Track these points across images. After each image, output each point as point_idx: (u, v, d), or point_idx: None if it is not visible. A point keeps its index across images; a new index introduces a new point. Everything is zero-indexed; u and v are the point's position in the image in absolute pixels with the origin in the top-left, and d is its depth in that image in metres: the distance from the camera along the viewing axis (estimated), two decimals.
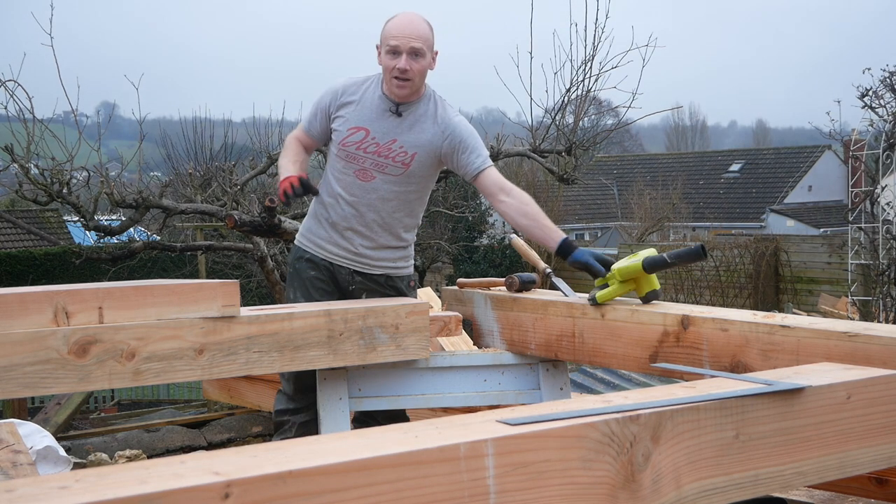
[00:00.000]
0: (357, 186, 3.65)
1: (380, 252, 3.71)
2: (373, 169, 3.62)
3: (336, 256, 3.70)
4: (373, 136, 3.60)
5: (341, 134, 3.64)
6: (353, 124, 3.62)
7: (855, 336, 2.46)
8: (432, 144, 3.63)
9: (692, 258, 3.19)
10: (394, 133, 3.61)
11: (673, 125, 60.29)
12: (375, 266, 3.72)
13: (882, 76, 12.56)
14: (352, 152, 3.62)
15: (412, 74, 3.52)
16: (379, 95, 3.63)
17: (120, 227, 8.31)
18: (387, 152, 3.61)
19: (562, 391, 3.58)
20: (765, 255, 15.94)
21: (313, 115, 3.74)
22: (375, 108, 3.62)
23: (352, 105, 3.64)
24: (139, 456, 6.01)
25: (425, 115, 3.63)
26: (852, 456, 1.98)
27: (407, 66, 3.50)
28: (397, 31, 3.54)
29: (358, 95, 3.65)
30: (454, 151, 3.63)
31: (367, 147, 3.61)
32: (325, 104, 3.69)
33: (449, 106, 3.71)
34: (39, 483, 1.25)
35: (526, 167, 19.16)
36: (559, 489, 1.57)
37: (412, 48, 3.50)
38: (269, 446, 1.45)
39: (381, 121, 3.61)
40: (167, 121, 20.68)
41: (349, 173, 3.65)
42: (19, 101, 7.85)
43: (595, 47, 8.73)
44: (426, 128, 3.62)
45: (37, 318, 2.74)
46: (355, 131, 3.62)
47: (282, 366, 3.16)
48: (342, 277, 3.71)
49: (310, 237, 3.76)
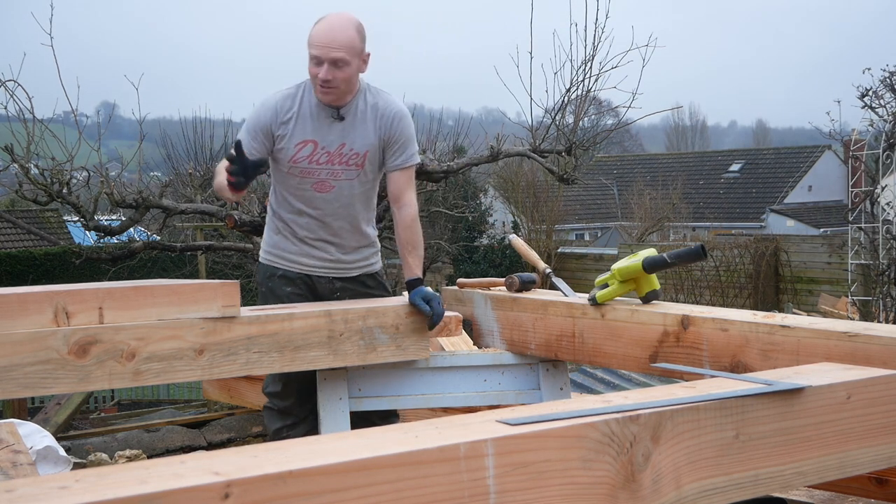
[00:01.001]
0: (319, 199, 3.61)
1: (353, 254, 3.72)
2: (330, 179, 3.59)
3: (313, 267, 3.67)
4: (322, 147, 3.56)
5: (289, 151, 3.56)
6: (299, 139, 3.55)
7: (855, 336, 2.46)
8: (377, 137, 3.61)
9: (692, 258, 3.19)
10: (341, 137, 3.57)
11: (673, 125, 60.31)
12: (353, 268, 3.72)
13: (882, 76, 12.56)
14: (304, 167, 3.57)
15: (336, 83, 3.45)
16: (316, 104, 3.55)
17: (120, 227, 8.31)
18: (339, 158, 3.58)
19: (562, 391, 3.58)
20: (765, 255, 15.93)
21: (251, 136, 3.57)
22: (317, 118, 3.56)
23: (292, 120, 3.55)
24: (139, 456, 6.01)
25: (365, 111, 3.59)
26: (852, 456, 1.98)
27: (329, 76, 3.42)
28: (319, 39, 3.44)
29: (295, 109, 3.56)
30: (388, 144, 3.62)
31: (319, 158, 3.57)
32: (264, 123, 3.56)
33: (385, 95, 3.66)
34: (39, 483, 1.25)
35: (526, 167, 19.16)
36: (559, 489, 1.57)
37: (332, 59, 3.41)
38: (269, 446, 1.45)
39: (325, 129, 3.56)
40: (167, 121, 20.69)
41: (307, 188, 3.60)
42: (19, 101, 7.85)
43: (595, 47, 8.72)
44: (369, 124, 3.60)
45: (37, 318, 2.74)
46: (303, 145, 3.56)
47: (282, 366, 3.16)
48: (322, 286, 3.69)
49: (278, 253, 3.69)
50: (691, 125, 62.35)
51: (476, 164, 9.05)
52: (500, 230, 20.62)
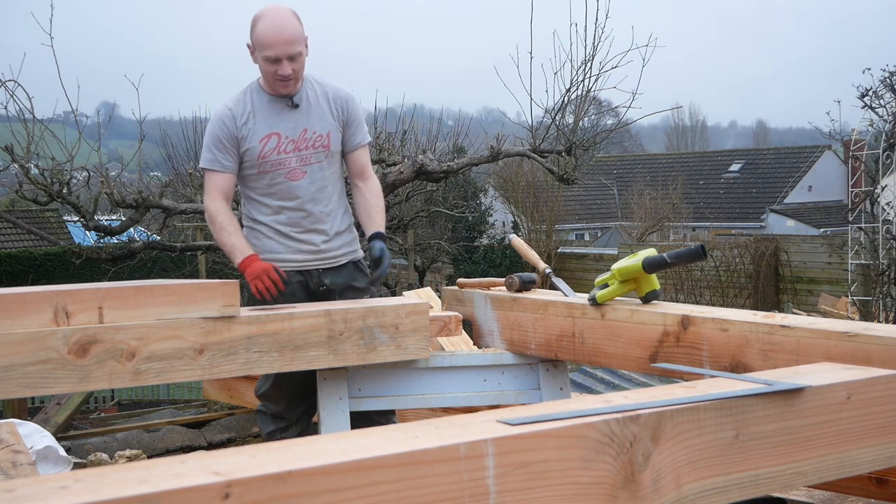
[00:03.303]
0: (294, 188, 3.67)
1: (336, 241, 3.78)
2: (300, 166, 3.67)
3: (303, 262, 3.72)
4: (286, 136, 3.65)
5: (255, 149, 3.63)
6: (262, 134, 3.63)
7: (855, 336, 2.46)
8: (335, 117, 3.72)
9: (692, 258, 3.19)
10: (301, 123, 3.66)
11: (673, 125, 60.31)
12: (340, 256, 3.79)
13: (882, 76, 12.57)
14: (274, 159, 3.64)
15: (295, 76, 3.58)
16: (268, 99, 3.65)
17: (120, 227, 8.32)
18: (304, 143, 3.66)
19: (562, 391, 3.58)
20: (765, 255, 15.93)
21: (220, 150, 3.63)
22: (272, 111, 3.65)
23: (250, 120, 3.64)
24: (139, 456, 6.01)
25: (317, 96, 3.71)
26: (852, 456, 1.98)
27: (288, 70, 3.54)
28: (271, 39, 3.53)
29: (249, 108, 3.65)
30: (346, 124, 3.75)
31: (286, 147, 3.65)
32: (228, 132, 3.62)
33: (329, 80, 3.79)
34: (39, 483, 1.25)
35: (526, 167, 19.16)
36: (559, 489, 1.57)
37: (289, 54, 3.53)
38: (269, 446, 1.45)
39: (284, 119, 3.65)
40: (167, 121, 20.69)
41: (280, 180, 3.67)
42: (19, 101, 7.86)
43: (595, 47, 8.74)
44: (323, 107, 3.71)
45: (37, 318, 2.74)
46: (267, 139, 3.63)
47: (282, 366, 3.16)
48: (312, 281, 3.74)
49: (266, 255, 3.70)
50: (691, 125, 62.37)
51: (476, 164, 9.06)
52: (500, 230, 20.63)
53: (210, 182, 3.67)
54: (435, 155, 9.85)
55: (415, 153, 8.93)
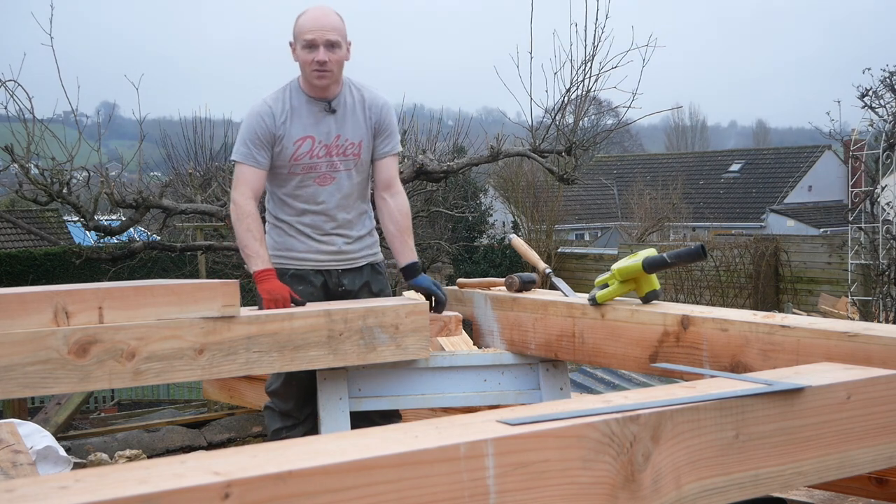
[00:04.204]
0: (322, 193, 3.68)
1: (358, 244, 3.79)
2: (330, 171, 3.67)
3: (323, 262, 3.74)
4: (319, 141, 3.64)
5: (289, 151, 3.63)
6: (297, 136, 3.63)
7: (855, 336, 2.46)
8: (368, 128, 3.72)
9: (692, 258, 3.19)
10: (335, 129, 3.66)
11: (673, 125, 60.29)
12: (360, 259, 3.80)
13: (882, 76, 12.58)
14: (306, 163, 3.65)
15: (331, 66, 3.57)
16: (307, 100, 3.64)
17: (120, 227, 8.32)
18: (336, 150, 3.66)
19: (562, 391, 3.58)
20: (765, 255, 15.93)
21: (257, 146, 3.62)
22: (310, 113, 3.64)
23: (288, 119, 3.63)
24: (139, 456, 6.00)
25: (354, 103, 3.70)
26: (852, 456, 1.98)
27: (325, 57, 3.54)
28: (311, 24, 3.57)
29: (288, 108, 3.64)
30: (378, 132, 3.74)
31: (318, 152, 3.65)
32: (266, 129, 3.61)
33: (369, 87, 3.78)
34: (39, 483, 1.25)
35: (526, 167, 19.15)
36: (559, 489, 1.57)
37: (328, 41, 3.55)
38: (269, 446, 1.45)
39: (320, 123, 3.65)
40: (167, 121, 20.70)
41: (309, 184, 3.67)
42: (19, 101, 7.86)
43: (595, 47, 8.74)
44: (359, 114, 3.70)
45: (37, 318, 2.74)
46: (302, 142, 3.63)
47: (282, 366, 3.15)
48: (332, 281, 3.76)
49: (286, 254, 3.73)
50: (691, 125, 62.35)
51: (476, 164, 9.07)
52: (500, 230, 20.62)
53: (241, 176, 3.64)
54: (435, 155, 9.85)
55: (415, 153, 8.93)
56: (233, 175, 3.77)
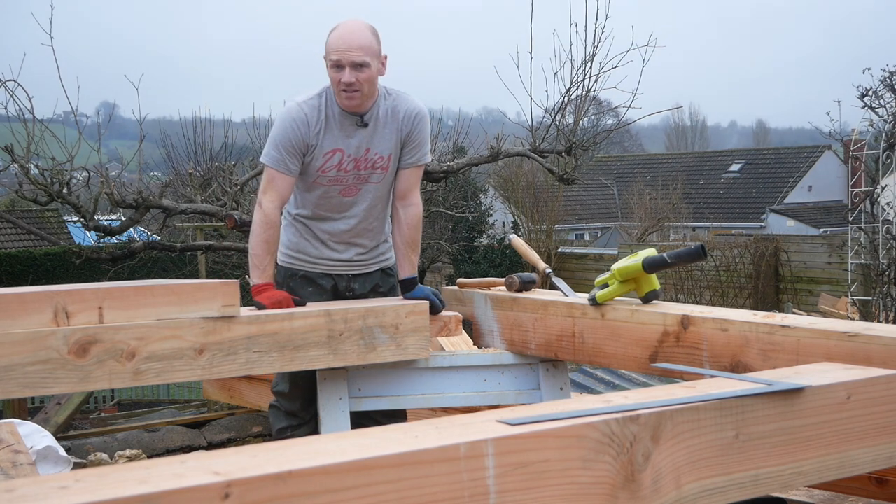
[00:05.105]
0: (346, 204, 3.66)
1: (372, 252, 3.78)
2: (356, 184, 3.63)
3: (334, 267, 3.72)
4: (349, 154, 3.59)
5: (317, 161, 3.57)
6: (327, 149, 3.57)
7: (855, 336, 2.46)
8: (398, 139, 3.65)
9: (692, 258, 3.19)
10: (366, 143, 3.60)
11: (673, 125, 60.27)
12: (372, 264, 3.78)
13: (882, 76, 12.58)
14: (333, 176, 3.60)
15: (358, 86, 3.46)
16: (339, 112, 3.56)
17: (120, 227, 8.32)
18: (365, 164, 3.61)
19: (562, 391, 3.58)
20: (765, 255, 15.93)
21: (289, 153, 3.54)
22: (342, 126, 3.57)
23: (322, 131, 3.56)
24: (139, 456, 6.00)
25: (387, 116, 3.62)
26: (852, 456, 1.98)
27: (351, 78, 3.44)
28: (338, 44, 3.46)
29: (323, 119, 3.56)
30: (406, 142, 3.67)
31: (346, 166, 3.60)
32: (300, 138, 3.53)
33: (404, 96, 3.67)
34: (39, 483, 1.25)
35: (526, 167, 19.16)
36: (559, 489, 1.57)
37: (353, 62, 3.43)
38: (269, 446, 1.45)
39: (351, 137, 3.58)
40: (167, 121, 20.71)
41: (334, 195, 3.64)
42: (19, 101, 7.86)
43: (595, 47, 8.73)
44: (390, 127, 3.63)
45: (37, 318, 2.74)
46: (331, 155, 3.58)
47: (282, 365, 3.16)
48: (342, 284, 3.75)
49: (298, 255, 3.71)
50: (691, 125, 62.33)
51: (476, 164, 9.07)
52: (500, 230, 20.62)
53: (271, 182, 3.56)
54: (435, 155, 9.85)
55: None
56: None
